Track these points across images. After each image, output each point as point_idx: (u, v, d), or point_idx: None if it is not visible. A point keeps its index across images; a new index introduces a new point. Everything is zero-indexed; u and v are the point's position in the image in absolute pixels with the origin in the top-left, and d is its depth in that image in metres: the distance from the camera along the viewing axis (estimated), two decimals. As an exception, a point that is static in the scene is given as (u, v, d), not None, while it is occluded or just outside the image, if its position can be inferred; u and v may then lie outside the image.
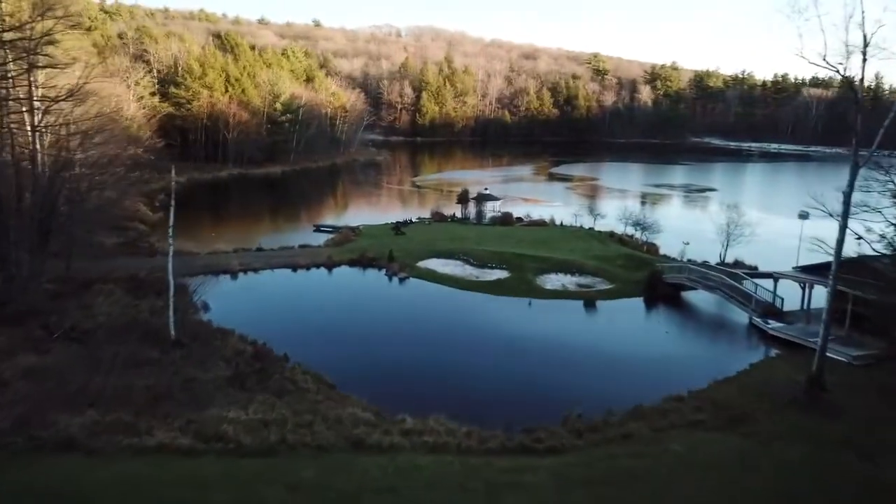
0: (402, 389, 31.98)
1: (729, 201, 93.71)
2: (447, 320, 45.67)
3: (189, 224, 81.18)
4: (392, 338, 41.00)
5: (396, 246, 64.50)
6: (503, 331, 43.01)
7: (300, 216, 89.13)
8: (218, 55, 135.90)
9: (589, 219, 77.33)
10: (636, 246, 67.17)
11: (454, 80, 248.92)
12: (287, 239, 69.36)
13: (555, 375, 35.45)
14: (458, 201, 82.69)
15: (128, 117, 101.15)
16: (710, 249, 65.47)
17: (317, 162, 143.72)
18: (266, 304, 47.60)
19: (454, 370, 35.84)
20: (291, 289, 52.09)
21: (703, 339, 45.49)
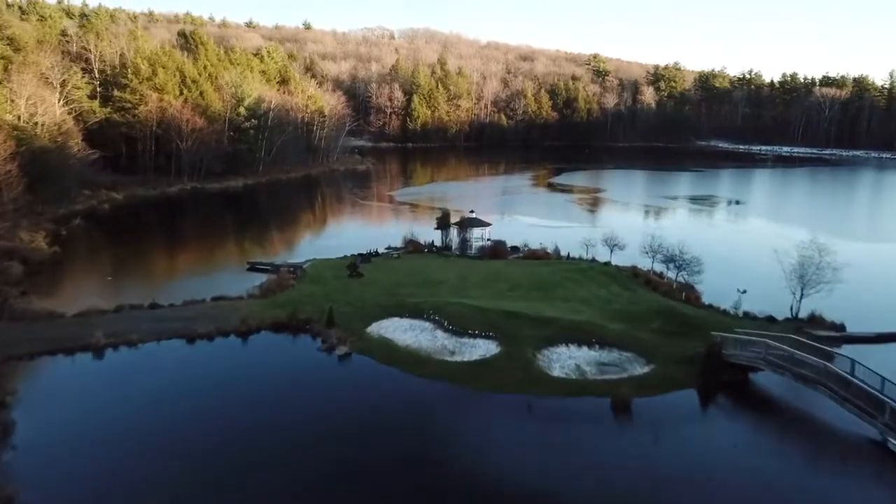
0: None
1: (772, 222, 76.40)
2: (393, 450, 27.56)
3: (90, 259, 64.14)
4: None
5: (347, 295, 46.56)
6: (487, 475, 25.09)
7: (240, 246, 70.75)
8: (174, 54, 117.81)
9: (604, 250, 58.96)
10: (670, 292, 48.94)
11: (447, 82, 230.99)
12: (206, 284, 51.44)
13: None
14: (438, 226, 64.49)
15: (46, 123, 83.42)
16: (771, 294, 47.56)
17: (288, 173, 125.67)
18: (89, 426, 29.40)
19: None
20: (160, 382, 33.76)
21: (806, 474, 27.39)
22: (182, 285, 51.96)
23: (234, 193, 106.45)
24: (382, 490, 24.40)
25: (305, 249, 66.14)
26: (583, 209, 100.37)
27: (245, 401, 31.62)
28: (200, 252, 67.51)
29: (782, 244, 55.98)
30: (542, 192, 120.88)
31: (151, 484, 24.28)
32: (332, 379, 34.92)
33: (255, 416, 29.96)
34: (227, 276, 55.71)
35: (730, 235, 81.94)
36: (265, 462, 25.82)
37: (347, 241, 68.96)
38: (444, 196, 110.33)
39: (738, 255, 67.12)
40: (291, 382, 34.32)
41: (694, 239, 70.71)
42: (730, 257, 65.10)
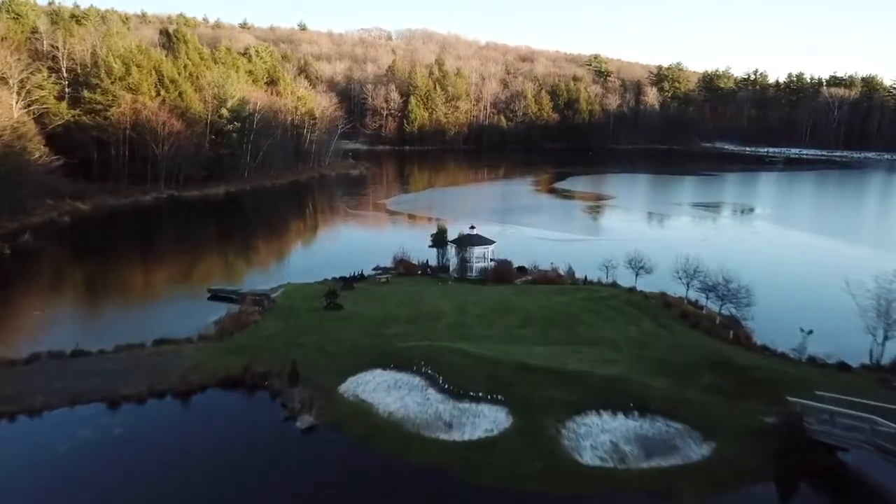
0: None
1: (811, 233, 67.84)
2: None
3: (25, 286, 54.05)
4: None
5: (321, 335, 37.66)
6: None
7: (208, 265, 61.69)
8: (151, 52, 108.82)
9: (626, 272, 49.94)
10: (714, 329, 40.01)
11: (445, 83, 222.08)
12: (156, 317, 42.73)
13: None
14: (434, 244, 55.49)
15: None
16: (839, 332, 38.77)
17: (275, 179, 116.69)
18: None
19: None
20: (59, 472, 24.78)
21: None
22: (125, 320, 43.06)
23: (215, 202, 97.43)
24: None
25: (281, 270, 57.11)
26: (592, 219, 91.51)
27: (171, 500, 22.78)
28: (160, 273, 58.31)
29: (836, 262, 47.17)
30: (546, 199, 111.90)
31: None
32: (290, 466, 25.93)
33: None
34: (184, 306, 46.75)
35: (769, 251, 72.39)
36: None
37: (330, 260, 60.11)
38: (441, 204, 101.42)
39: (786, 277, 58.23)
40: (234, 470, 25.35)
41: (729, 255, 62.22)
42: (777, 280, 55.92)
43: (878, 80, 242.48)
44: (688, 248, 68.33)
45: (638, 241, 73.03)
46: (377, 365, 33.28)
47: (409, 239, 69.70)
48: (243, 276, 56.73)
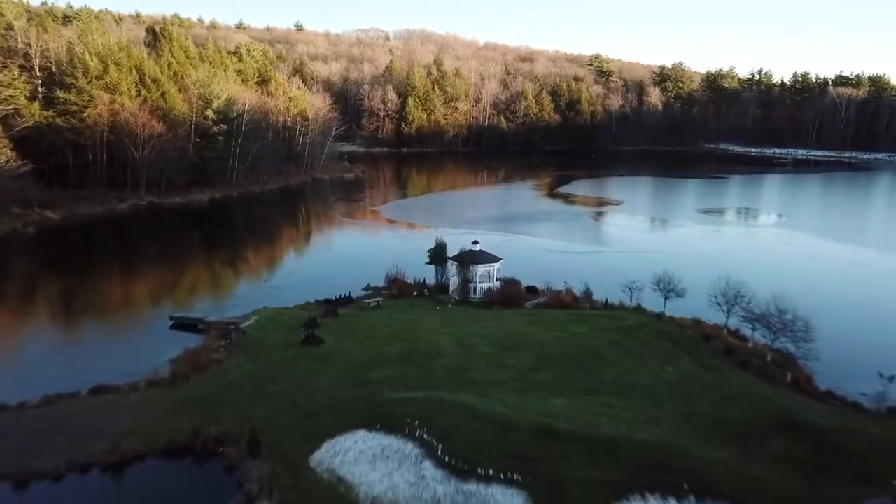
0: None
1: (849, 245, 61.44)
2: None
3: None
4: None
5: (294, 382, 31.00)
6: None
7: (176, 283, 54.73)
8: (132, 50, 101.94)
9: (653, 295, 43.07)
10: (766, 369, 33.23)
11: (444, 83, 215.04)
12: (105, 353, 36.05)
13: None
14: (432, 261, 48.62)
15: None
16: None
17: (265, 184, 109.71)
18: None
19: None
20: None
21: None
22: (66, 357, 36.23)
23: (198, 209, 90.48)
24: None
25: (259, 290, 50.24)
26: (602, 227, 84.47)
27: None
28: (121, 294, 51.41)
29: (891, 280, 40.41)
30: (550, 205, 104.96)
31: None
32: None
33: None
34: (140, 337, 39.92)
35: (809, 267, 64.51)
36: None
37: (316, 277, 53.37)
38: (440, 210, 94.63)
39: (840, 301, 51.03)
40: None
41: (764, 272, 55.48)
42: (829, 304, 48.39)
43: (885, 80, 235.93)
44: (713, 261, 62.12)
45: (656, 254, 66.81)
46: (360, 425, 26.49)
47: (405, 252, 62.92)
48: (215, 296, 49.93)
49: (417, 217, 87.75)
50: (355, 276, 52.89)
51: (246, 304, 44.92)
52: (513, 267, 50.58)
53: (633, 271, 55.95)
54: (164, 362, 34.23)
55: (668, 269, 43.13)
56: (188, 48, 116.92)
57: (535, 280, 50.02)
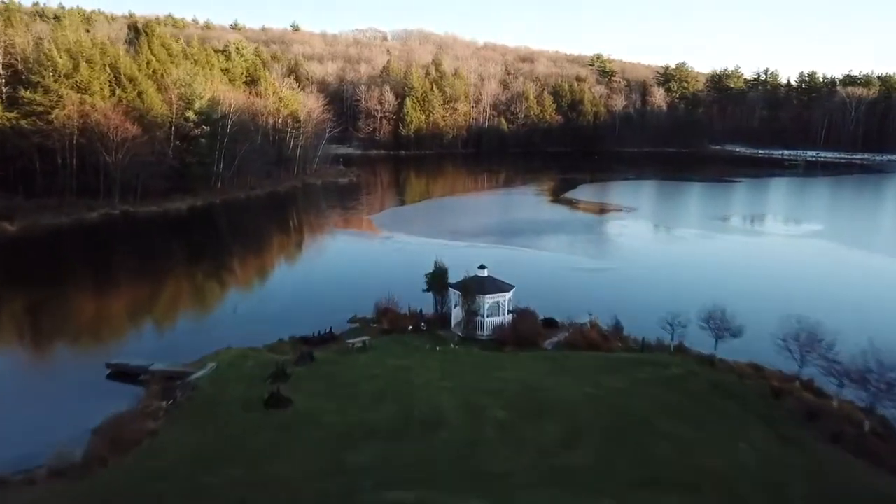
0: None
1: None
2: None
3: None
4: None
5: (243, 468, 22.89)
6: None
7: (127, 316, 46.39)
8: (108, 46, 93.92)
9: (698, 332, 35.01)
10: (867, 445, 25.26)
11: (443, 84, 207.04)
12: (16, 416, 27.94)
13: None
14: (430, 287, 40.67)
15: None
16: None
17: (252, 189, 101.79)
18: None
19: None
20: None
21: None
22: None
23: (175, 218, 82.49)
24: None
25: (226, 322, 42.23)
26: (619, 237, 76.02)
27: None
28: (59, 327, 42.97)
29: None
30: (558, 211, 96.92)
31: None
32: None
33: None
34: (66, 391, 31.93)
35: (879, 293, 54.35)
36: None
37: (294, 305, 45.41)
38: (439, 218, 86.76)
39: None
40: None
41: (822, 298, 47.45)
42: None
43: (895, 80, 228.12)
44: (752, 280, 54.23)
45: (685, 269, 59.28)
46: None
47: (401, 269, 55.11)
48: (173, 328, 41.83)
49: (415, 227, 79.67)
50: (342, 302, 45.10)
51: (207, 341, 36.91)
52: (522, 290, 42.44)
53: (663, 292, 48.26)
54: (84, 433, 26.29)
55: (717, 301, 35.04)
56: (170, 45, 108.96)
57: (551, 307, 42.13)
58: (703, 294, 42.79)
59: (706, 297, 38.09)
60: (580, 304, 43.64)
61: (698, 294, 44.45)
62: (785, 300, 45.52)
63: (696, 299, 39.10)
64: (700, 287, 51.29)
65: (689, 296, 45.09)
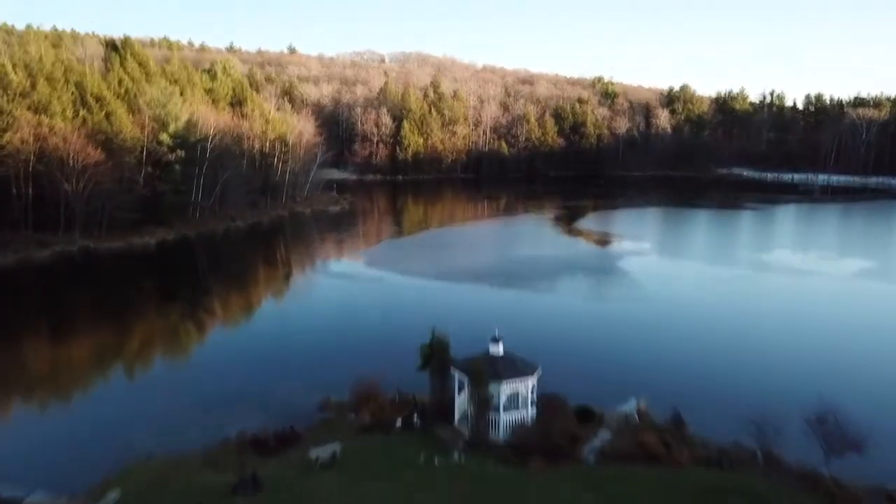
0: None
1: None
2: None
3: None
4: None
5: None
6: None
7: (20, 401, 35.99)
8: (74, 64, 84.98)
9: (801, 442, 25.05)
10: None
11: (442, 106, 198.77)
12: None
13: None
14: (425, 364, 30.81)
15: None
16: None
17: (234, 220, 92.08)
18: None
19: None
20: None
21: None
22: None
23: (142, 255, 72.63)
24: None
25: (153, 411, 32.03)
26: (646, 280, 63.45)
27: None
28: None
29: None
30: (568, 245, 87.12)
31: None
32: None
33: None
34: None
35: None
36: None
37: (251, 384, 35.22)
38: (438, 254, 76.98)
39: None
40: None
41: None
42: None
43: None
44: (830, 348, 42.96)
45: (734, 324, 47.91)
46: None
47: (390, 329, 45.17)
48: (82, 426, 31.48)
49: (410, 264, 69.69)
50: (313, 374, 35.34)
51: (123, 445, 26.88)
52: (540, 354, 32.50)
53: (718, 357, 38.24)
54: None
55: (825, 397, 25.13)
56: (147, 63, 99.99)
57: (580, 382, 32.43)
58: (770, 362, 32.97)
59: (775, 365, 28.18)
60: (617, 376, 33.90)
61: (763, 362, 34.61)
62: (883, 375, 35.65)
63: (763, 371, 29.26)
64: (762, 350, 41.37)
65: (753, 364, 35.27)
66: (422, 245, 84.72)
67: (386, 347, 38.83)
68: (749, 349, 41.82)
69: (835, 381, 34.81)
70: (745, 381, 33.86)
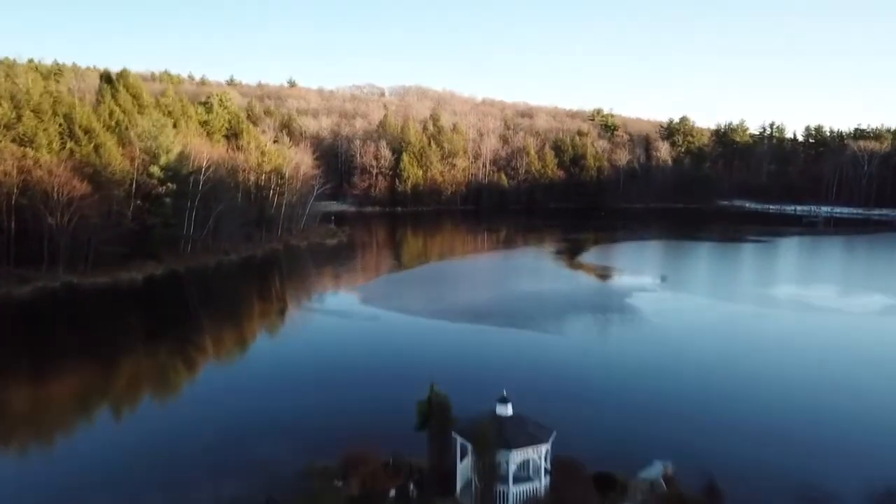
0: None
1: None
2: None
3: None
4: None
5: None
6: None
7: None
8: (63, 96, 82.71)
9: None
10: None
11: (441, 139, 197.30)
12: None
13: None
14: (422, 424, 27.14)
15: None
16: None
17: (227, 254, 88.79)
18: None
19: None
20: None
21: None
22: None
23: (128, 292, 69.05)
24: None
25: (107, 476, 28.13)
26: (659, 319, 59.19)
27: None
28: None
29: None
30: (572, 280, 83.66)
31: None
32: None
33: None
34: None
35: None
36: None
37: (225, 443, 31.34)
38: (436, 291, 73.39)
39: None
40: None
41: None
42: None
43: None
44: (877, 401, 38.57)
45: (760, 367, 43.20)
46: None
47: (385, 377, 41.49)
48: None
49: (408, 301, 66.07)
50: (298, 431, 31.59)
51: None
52: (551, 405, 28.88)
53: (748, 411, 34.52)
54: None
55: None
56: (140, 95, 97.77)
57: (595, 441, 28.78)
58: (816, 417, 29.23)
59: (823, 422, 24.47)
60: (638, 434, 30.20)
61: (808, 418, 30.88)
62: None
63: (810, 428, 25.55)
64: (804, 403, 37.62)
65: (796, 420, 31.55)
66: (420, 280, 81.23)
67: (381, 400, 35.14)
68: (788, 401, 37.93)
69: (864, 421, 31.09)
70: (788, 441, 30.03)
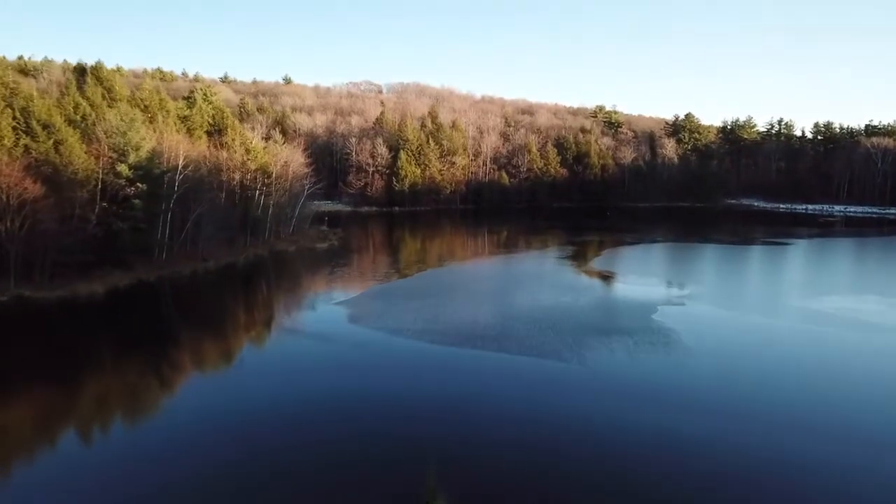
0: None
1: None
2: None
3: None
4: None
5: None
6: None
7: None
8: (22, 87, 74.15)
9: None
10: None
11: (440, 136, 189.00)
12: None
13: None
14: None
15: None
16: None
17: (205, 261, 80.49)
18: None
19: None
20: None
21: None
22: None
23: (87, 306, 60.54)
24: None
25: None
26: (693, 346, 51.10)
27: None
28: None
29: None
30: (585, 290, 75.10)
31: None
32: None
33: None
34: None
35: None
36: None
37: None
38: (432, 305, 64.73)
39: None
40: None
41: None
42: None
43: None
44: None
45: (832, 403, 35.09)
46: None
47: (372, 411, 33.11)
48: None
49: (399, 319, 57.33)
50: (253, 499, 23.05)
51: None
52: (574, 469, 20.52)
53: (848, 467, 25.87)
54: None
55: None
56: (113, 88, 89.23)
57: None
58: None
59: None
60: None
61: None
62: None
63: None
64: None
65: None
66: (416, 291, 72.72)
67: (361, 471, 26.69)
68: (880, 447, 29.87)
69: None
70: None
